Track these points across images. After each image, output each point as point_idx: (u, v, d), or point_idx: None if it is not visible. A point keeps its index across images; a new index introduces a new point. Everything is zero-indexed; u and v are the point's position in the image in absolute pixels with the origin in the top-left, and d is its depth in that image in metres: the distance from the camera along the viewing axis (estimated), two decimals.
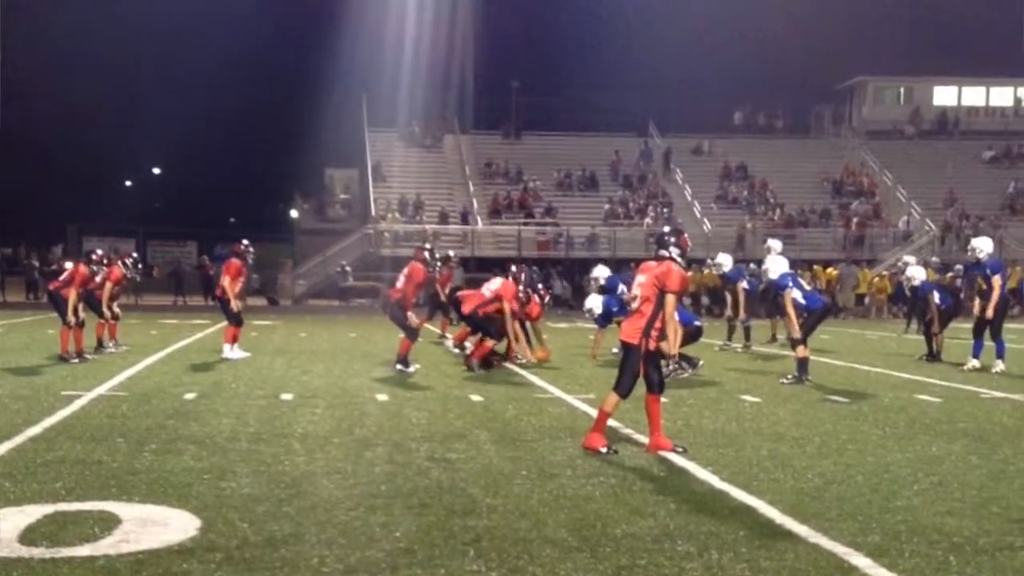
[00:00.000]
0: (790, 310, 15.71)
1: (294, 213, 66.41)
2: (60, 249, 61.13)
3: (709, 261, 23.61)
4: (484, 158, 57.42)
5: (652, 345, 9.55)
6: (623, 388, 9.52)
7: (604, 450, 9.42)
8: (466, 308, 17.80)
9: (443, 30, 59.80)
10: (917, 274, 20.59)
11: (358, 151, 57.99)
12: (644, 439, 9.99)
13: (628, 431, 10.67)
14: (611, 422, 10.06)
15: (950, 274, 42.20)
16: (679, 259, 9.78)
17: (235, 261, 18.77)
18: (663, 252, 9.79)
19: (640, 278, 9.75)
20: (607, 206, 52.85)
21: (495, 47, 62.28)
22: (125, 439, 9.88)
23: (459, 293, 21.16)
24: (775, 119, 63.24)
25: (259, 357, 18.77)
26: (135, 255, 22.02)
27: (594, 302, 17.87)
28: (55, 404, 12.17)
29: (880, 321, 38.13)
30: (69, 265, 18.66)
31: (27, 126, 73.42)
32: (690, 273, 41.94)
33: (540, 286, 19.76)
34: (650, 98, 59.90)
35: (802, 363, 15.61)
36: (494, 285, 17.89)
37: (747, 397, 13.86)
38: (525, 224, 50.92)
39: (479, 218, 51.39)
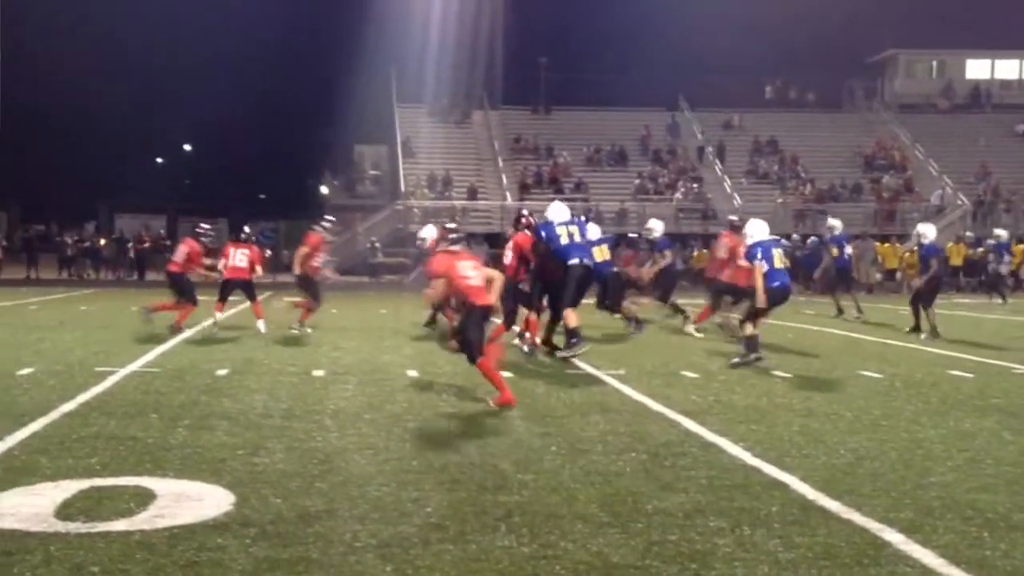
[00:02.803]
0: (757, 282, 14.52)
1: (324, 189, 66.50)
2: (92, 226, 61.46)
3: (644, 228, 22.45)
4: (513, 133, 57.30)
5: None
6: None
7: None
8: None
9: (472, 6, 59.63)
10: (928, 231, 20.12)
11: (387, 127, 57.94)
12: (676, 416, 10.03)
13: (659, 407, 10.67)
14: (640, 398, 10.03)
15: (981, 249, 41.97)
16: None
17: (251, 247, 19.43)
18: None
19: None
20: (637, 181, 52.70)
21: (524, 23, 62.05)
22: (159, 415, 9.95)
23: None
24: (806, 93, 62.81)
25: (290, 333, 18.82)
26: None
27: None
28: (89, 380, 12.25)
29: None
30: (183, 246, 19.22)
31: (60, 104, 73.90)
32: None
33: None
34: (680, 72, 59.55)
35: (749, 342, 14.59)
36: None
37: (778, 372, 13.81)
38: (554, 199, 50.78)
39: (508, 193, 51.30)
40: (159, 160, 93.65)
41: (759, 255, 14.53)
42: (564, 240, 14.58)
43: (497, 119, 58.60)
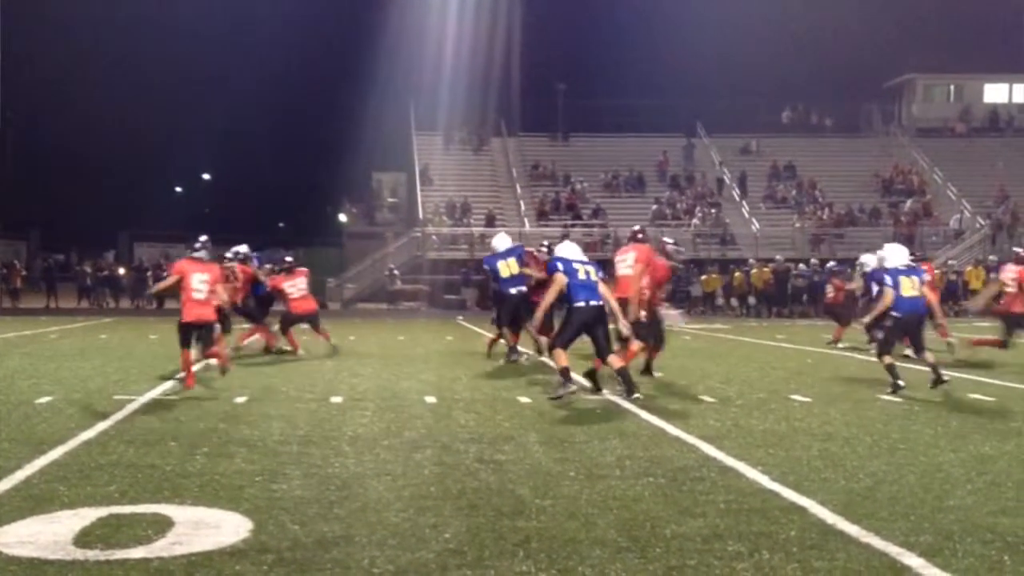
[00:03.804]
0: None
1: (342, 217, 66.73)
2: (112, 255, 61.69)
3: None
4: (531, 160, 57.49)
5: None
6: None
7: None
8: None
9: (489, 34, 59.89)
10: (869, 260, 20.02)
11: (405, 155, 58.17)
12: (694, 440, 10.03)
13: (677, 432, 10.64)
14: (658, 422, 10.02)
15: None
16: None
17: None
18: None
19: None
20: (654, 207, 52.72)
21: (541, 50, 62.28)
22: (177, 442, 9.97)
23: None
24: (824, 118, 62.84)
25: (309, 360, 18.87)
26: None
27: None
28: (108, 408, 12.29)
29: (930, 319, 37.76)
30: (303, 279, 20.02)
31: (80, 133, 74.38)
32: (738, 273, 42.00)
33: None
34: (697, 98, 59.65)
35: (889, 370, 15.07)
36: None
37: (796, 397, 13.78)
38: (573, 226, 50.85)
39: (526, 220, 51.39)
40: (178, 189, 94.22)
41: (888, 280, 14.54)
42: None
43: (515, 146, 58.80)
